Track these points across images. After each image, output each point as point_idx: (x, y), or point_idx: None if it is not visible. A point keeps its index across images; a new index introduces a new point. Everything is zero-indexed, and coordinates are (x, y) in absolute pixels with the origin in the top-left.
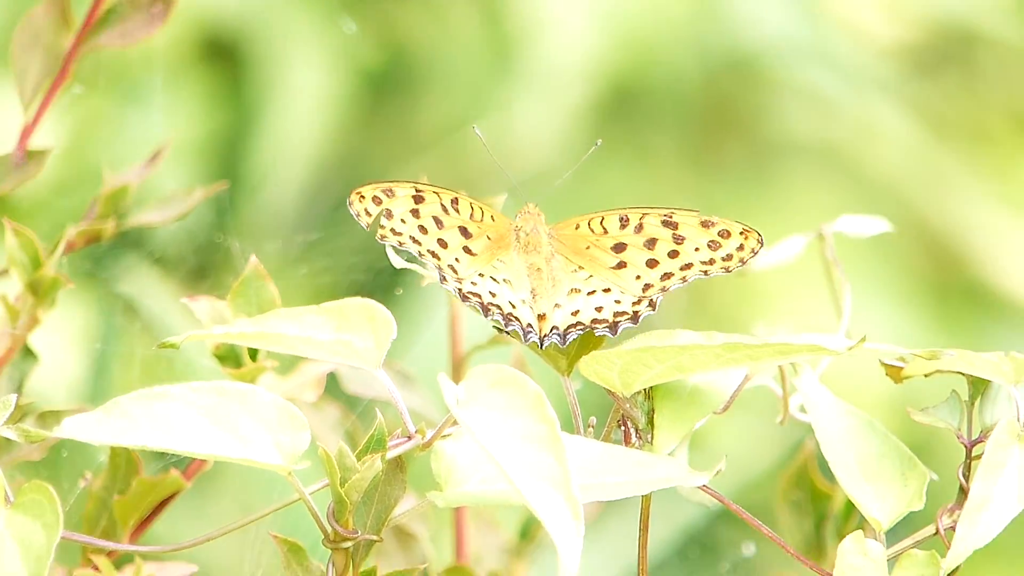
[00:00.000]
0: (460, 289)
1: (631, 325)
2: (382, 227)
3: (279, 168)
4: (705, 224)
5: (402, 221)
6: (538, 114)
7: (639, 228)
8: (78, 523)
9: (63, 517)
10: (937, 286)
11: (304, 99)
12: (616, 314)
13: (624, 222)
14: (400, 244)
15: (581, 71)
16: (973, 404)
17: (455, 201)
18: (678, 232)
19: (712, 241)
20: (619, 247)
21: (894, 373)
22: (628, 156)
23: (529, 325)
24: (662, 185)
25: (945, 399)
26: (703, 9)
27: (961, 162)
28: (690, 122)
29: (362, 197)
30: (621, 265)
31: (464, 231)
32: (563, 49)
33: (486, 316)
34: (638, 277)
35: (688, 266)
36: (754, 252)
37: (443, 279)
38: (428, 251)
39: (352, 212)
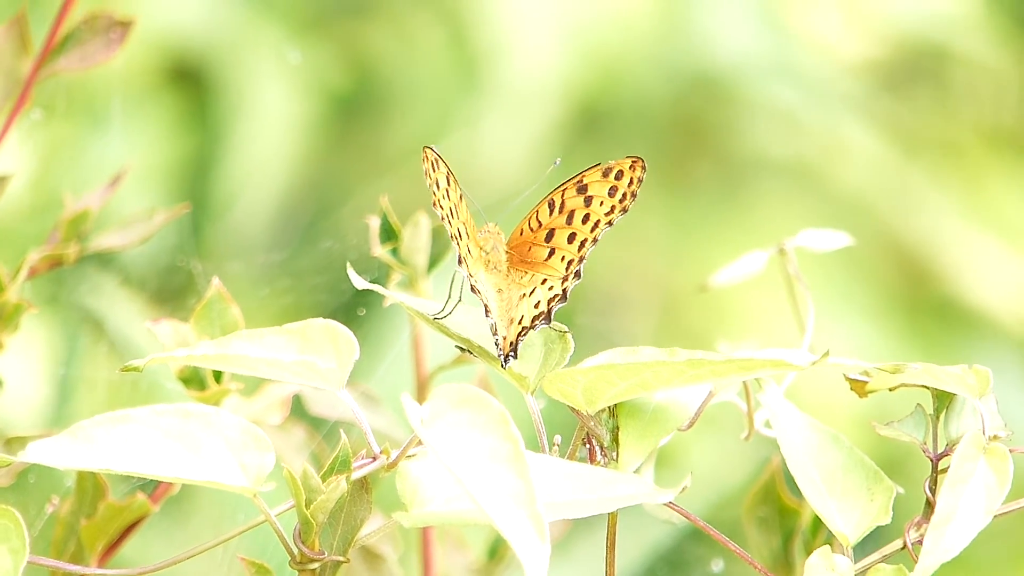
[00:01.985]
0: (473, 286)
1: (562, 304)
2: (434, 194)
3: (246, 190)
4: (606, 173)
5: (446, 195)
6: (505, 133)
7: (562, 207)
8: (46, 548)
9: (30, 541)
10: (907, 301)
11: (270, 122)
12: (549, 300)
13: (552, 206)
14: (442, 218)
15: (548, 90)
16: (938, 417)
17: (461, 197)
18: (588, 193)
19: (611, 187)
20: (549, 235)
21: (858, 387)
22: None
23: (498, 342)
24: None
25: (910, 413)
26: (670, 28)
27: (930, 177)
28: (658, 141)
29: (427, 157)
30: (552, 253)
31: (465, 229)
32: (530, 68)
33: (487, 316)
34: (563, 258)
35: (596, 225)
36: (640, 180)
37: (460, 261)
38: (456, 231)
39: (423, 168)
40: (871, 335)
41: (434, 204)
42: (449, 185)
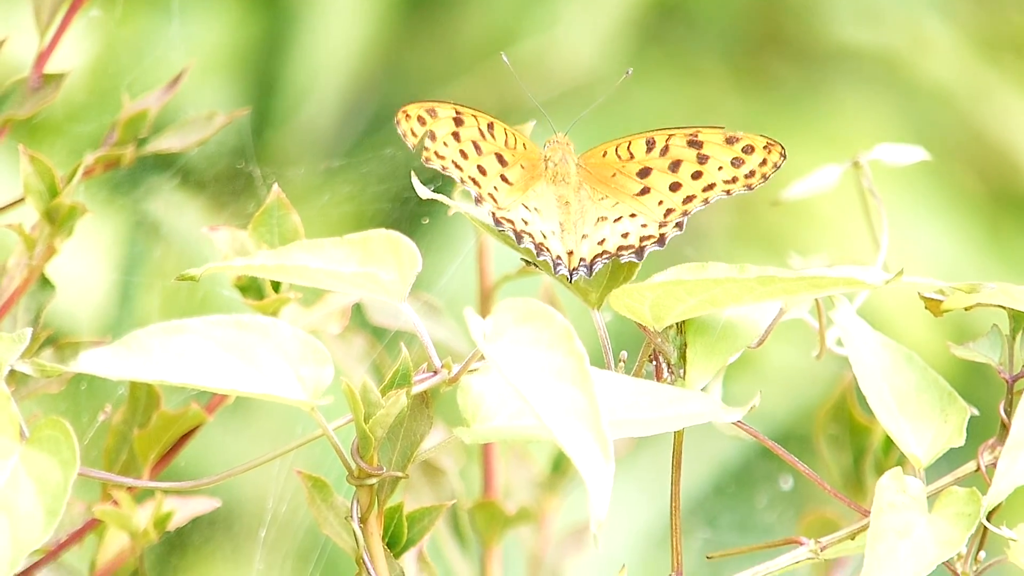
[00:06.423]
0: (494, 214)
1: (658, 248)
2: (427, 149)
3: (313, 90)
4: (730, 140)
5: (444, 144)
6: (581, 32)
7: (665, 150)
8: (98, 457)
9: (80, 453)
10: (989, 203)
11: (340, 12)
12: (642, 238)
13: (651, 145)
14: (444, 169)
15: None
16: (1015, 338)
17: (491, 126)
18: (702, 151)
19: (736, 158)
20: (644, 172)
21: (933, 306)
22: (671, 75)
23: (559, 257)
24: (706, 104)
25: (986, 333)
26: None
27: (1010, 75)
28: (735, 36)
29: (407, 116)
30: (645, 191)
31: (500, 158)
32: None
33: (519, 243)
34: (660, 202)
35: (711, 186)
36: (776, 166)
37: (479, 201)
38: (469, 177)
39: (399, 132)
40: (952, 240)
41: (426, 160)
42: (458, 127)
